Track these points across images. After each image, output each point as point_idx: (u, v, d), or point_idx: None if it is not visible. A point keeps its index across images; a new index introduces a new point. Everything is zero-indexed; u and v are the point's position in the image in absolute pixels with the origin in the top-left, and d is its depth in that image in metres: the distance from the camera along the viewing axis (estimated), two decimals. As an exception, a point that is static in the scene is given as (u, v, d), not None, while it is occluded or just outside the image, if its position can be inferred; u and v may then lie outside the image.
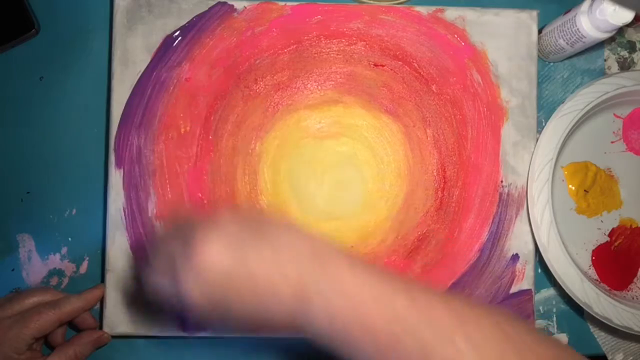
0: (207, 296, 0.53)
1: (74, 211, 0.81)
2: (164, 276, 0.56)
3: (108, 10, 0.81)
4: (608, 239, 0.82)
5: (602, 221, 0.82)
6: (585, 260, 0.81)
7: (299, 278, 0.53)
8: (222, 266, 0.52)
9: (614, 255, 0.81)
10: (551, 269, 0.75)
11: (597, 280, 0.80)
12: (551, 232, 0.75)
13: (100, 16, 0.82)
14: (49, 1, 0.82)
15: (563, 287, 0.75)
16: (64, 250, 0.80)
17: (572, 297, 0.75)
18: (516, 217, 0.78)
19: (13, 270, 0.80)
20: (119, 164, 0.76)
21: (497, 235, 0.78)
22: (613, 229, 0.82)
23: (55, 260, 0.80)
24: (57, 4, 0.82)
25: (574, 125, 0.76)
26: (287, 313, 0.53)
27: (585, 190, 0.81)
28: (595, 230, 0.82)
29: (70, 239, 0.80)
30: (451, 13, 0.78)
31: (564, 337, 0.82)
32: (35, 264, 0.80)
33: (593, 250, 0.81)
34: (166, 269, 0.55)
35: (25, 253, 0.80)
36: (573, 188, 0.81)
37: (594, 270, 0.81)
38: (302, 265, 0.53)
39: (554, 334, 0.82)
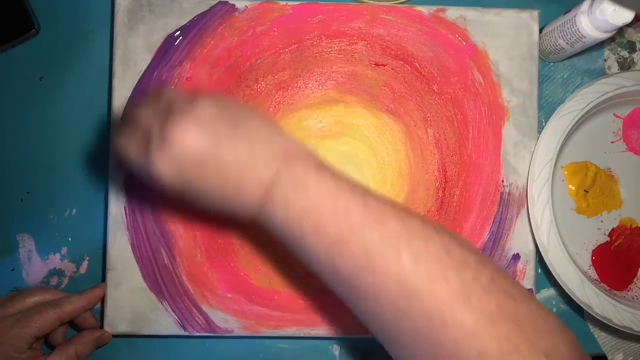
0: (175, 176, 0.54)
1: (74, 211, 0.81)
2: (136, 145, 0.56)
3: (109, 10, 0.81)
4: (608, 239, 0.82)
5: (602, 221, 0.82)
6: (585, 260, 0.81)
7: (267, 172, 0.54)
8: (194, 150, 0.53)
9: (614, 255, 0.81)
10: (551, 269, 0.75)
11: (597, 280, 0.80)
12: (551, 232, 0.75)
13: (101, 16, 0.82)
14: (49, 1, 0.82)
15: (563, 287, 0.75)
16: (64, 250, 0.80)
17: (572, 297, 0.75)
18: (517, 216, 0.78)
19: (13, 270, 0.80)
20: (120, 164, 0.76)
21: (498, 235, 0.78)
22: (613, 229, 0.82)
23: (55, 260, 0.80)
24: (57, 4, 0.82)
25: (574, 125, 0.76)
26: (252, 203, 0.55)
27: (585, 190, 0.81)
28: (595, 230, 0.82)
29: (70, 239, 0.80)
30: (452, 13, 0.79)
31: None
32: (35, 264, 0.80)
33: (593, 250, 0.81)
34: (140, 140, 0.56)
35: (25, 253, 0.80)
36: (573, 188, 0.81)
37: (594, 270, 0.81)
38: (272, 160, 0.54)
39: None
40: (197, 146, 0.53)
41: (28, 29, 0.80)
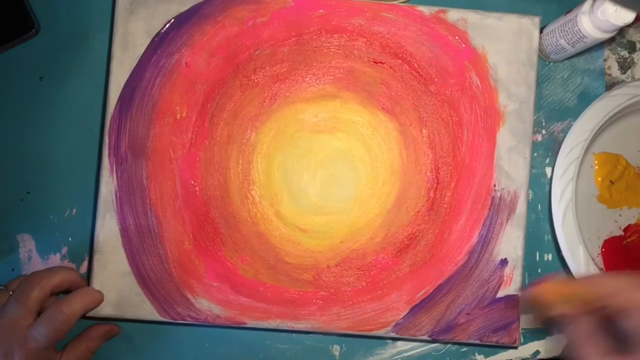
0: None
1: (74, 211, 0.81)
2: None
3: (109, 10, 0.81)
4: (622, 233, 0.82)
5: (620, 215, 0.82)
6: (595, 248, 0.81)
7: None
8: None
9: (624, 250, 0.81)
10: (561, 246, 0.76)
11: (602, 270, 0.80)
12: (569, 208, 0.75)
13: (101, 16, 0.82)
14: (49, 1, 0.82)
15: (568, 264, 0.76)
16: (64, 250, 0.80)
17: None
18: (507, 221, 0.77)
19: (13, 270, 0.80)
20: (113, 146, 0.77)
21: (487, 239, 0.77)
22: (629, 225, 0.82)
23: (55, 260, 0.80)
24: (57, 4, 0.82)
25: (616, 113, 0.77)
26: None
27: (611, 181, 0.82)
28: (612, 222, 0.82)
29: (70, 239, 0.81)
30: (453, 14, 0.79)
31: (563, 338, 0.80)
32: (35, 264, 0.80)
33: (605, 240, 0.81)
34: None
35: (25, 253, 0.80)
36: (600, 178, 0.82)
37: (601, 259, 0.81)
38: None
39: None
40: None
41: (28, 29, 0.80)
